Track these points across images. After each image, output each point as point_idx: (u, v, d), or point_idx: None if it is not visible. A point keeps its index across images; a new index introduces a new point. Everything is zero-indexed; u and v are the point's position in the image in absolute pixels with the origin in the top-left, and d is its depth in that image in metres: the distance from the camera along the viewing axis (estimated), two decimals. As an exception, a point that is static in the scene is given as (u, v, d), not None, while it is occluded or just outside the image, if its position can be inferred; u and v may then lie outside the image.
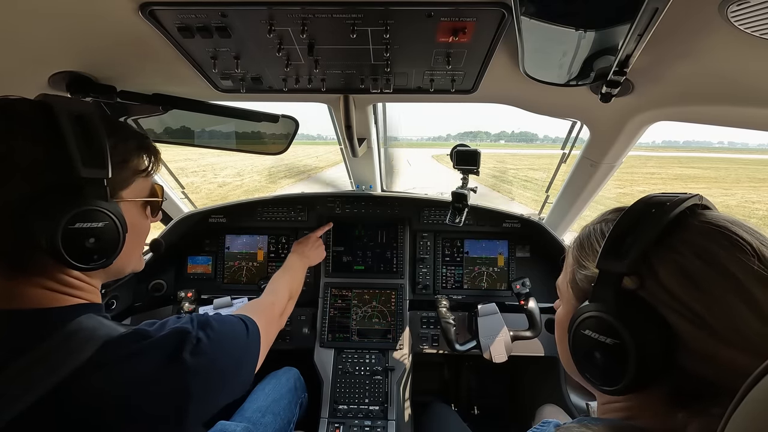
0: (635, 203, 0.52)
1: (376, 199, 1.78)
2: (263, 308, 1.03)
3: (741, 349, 0.41)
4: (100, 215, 0.61)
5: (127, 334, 0.59)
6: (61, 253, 0.56)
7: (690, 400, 0.46)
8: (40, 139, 0.57)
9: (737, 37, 0.59)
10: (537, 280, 1.70)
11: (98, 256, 0.62)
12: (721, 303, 0.43)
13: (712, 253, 0.44)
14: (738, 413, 0.30)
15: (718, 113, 0.91)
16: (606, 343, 0.47)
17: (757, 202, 17.18)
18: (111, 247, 0.63)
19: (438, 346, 1.70)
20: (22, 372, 0.52)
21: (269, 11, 0.66)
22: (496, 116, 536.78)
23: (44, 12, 0.67)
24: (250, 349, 0.80)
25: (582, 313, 0.51)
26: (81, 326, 0.58)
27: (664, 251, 0.47)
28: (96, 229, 0.60)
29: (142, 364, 0.57)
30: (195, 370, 0.61)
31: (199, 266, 1.81)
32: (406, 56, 0.82)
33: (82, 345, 0.55)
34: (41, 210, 0.56)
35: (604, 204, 0.73)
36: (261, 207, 1.79)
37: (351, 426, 1.47)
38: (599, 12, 0.57)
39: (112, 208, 0.63)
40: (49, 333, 0.56)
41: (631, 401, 0.52)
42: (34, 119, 0.58)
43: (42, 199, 0.56)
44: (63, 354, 0.54)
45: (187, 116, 1.26)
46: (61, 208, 0.57)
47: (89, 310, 0.62)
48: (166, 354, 0.60)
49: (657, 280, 0.46)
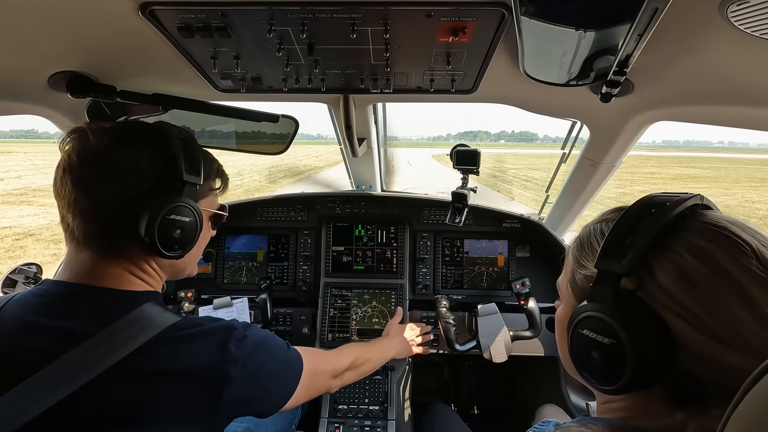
0: (635, 203, 0.52)
1: (376, 199, 1.78)
2: (317, 355, 1.01)
3: (740, 350, 0.41)
4: (189, 211, 0.75)
5: (183, 321, 0.70)
6: (154, 237, 0.69)
7: (689, 400, 0.46)
8: (158, 151, 0.73)
9: (737, 37, 0.59)
10: (537, 280, 1.70)
11: (178, 246, 0.75)
12: (718, 304, 0.42)
13: (709, 254, 0.44)
14: (738, 413, 0.30)
15: (718, 113, 0.91)
16: (603, 343, 0.47)
17: (757, 202, 17.19)
18: (190, 240, 0.78)
19: (438, 346, 1.70)
20: (98, 344, 0.62)
21: (269, 11, 0.66)
22: (496, 116, 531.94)
23: (44, 12, 0.67)
24: (289, 365, 0.84)
25: (580, 312, 0.51)
26: (146, 311, 0.68)
27: (663, 252, 0.46)
28: (183, 223, 0.74)
29: (194, 348, 0.67)
30: (237, 360, 0.69)
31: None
32: (406, 56, 0.82)
33: (147, 326, 0.66)
34: (151, 200, 0.70)
35: (604, 204, 0.74)
36: (261, 207, 1.79)
37: (351, 426, 1.47)
38: (599, 12, 0.57)
39: (197, 208, 0.77)
40: (121, 313, 0.66)
41: (630, 401, 0.52)
42: (153, 137, 0.75)
43: (153, 194, 0.71)
44: (131, 332, 0.64)
45: (187, 116, 1.26)
46: (167, 199, 0.72)
47: (152, 297, 0.74)
48: (217, 342, 0.69)
49: (655, 281, 0.46)
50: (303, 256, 1.80)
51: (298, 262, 1.80)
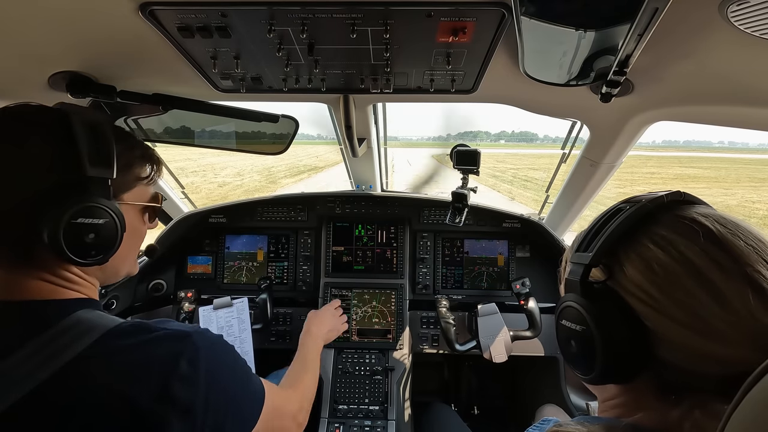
0: (618, 201, 0.54)
1: (376, 199, 1.78)
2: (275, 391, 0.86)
3: (706, 335, 0.42)
4: (101, 212, 0.64)
5: (126, 325, 0.61)
6: (61, 246, 0.59)
7: (676, 391, 0.46)
8: (52, 140, 0.62)
9: (737, 37, 0.59)
10: (537, 280, 1.70)
11: (96, 252, 0.65)
12: (679, 289, 0.43)
13: (671, 243, 0.46)
14: (738, 413, 0.30)
15: (719, 113, 0.91)
16: (577, 331, 0.50)
17: (757, 202, 17.19)
18: (109, 244, 0.67)
19: (438, 346, 1.70)
20: (24, 360, 0.54)
21: (269, 11, 0.66)
22: (496, 116, 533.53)
23: (44, 12, 0.67)
24: (248, 382, 0.72)
25: (560, 303, 0.54)
26: (80, 318, 0.59)
27: (631, 245, 0.49)
28: (96, 225, 0.64)
29: (139, 354, 0.58)
30: (186, 372, 0.59)
31: (199, 266, 1.81)
32: (406, 56, 0.82)
33: (82, 335, 0.57)
34: (48, 204, 0.60)
35: (604, 204, 0.73)
36: (261, 207, 1.79)
37: (351, 426, 1.47)
38: (599, 12, 0.57)
39: (113, 206, 0.66)
40: (49, 323, 0.58)
41: (625, 397, 0.53)
42: (49, 122, 0.63)
43: (50, 194, 0.60)
44: (63, 343, 0.56)
45: (187, 116, 1.26)
46: (67, 202, 0.60)
47: (87, 304, 0.64)
48: (166, 347, 0.60)
49: (623, 272, 0.49)
50: (303, 256, 1.80)
51: (298, 262, 1.81)
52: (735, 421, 0.30)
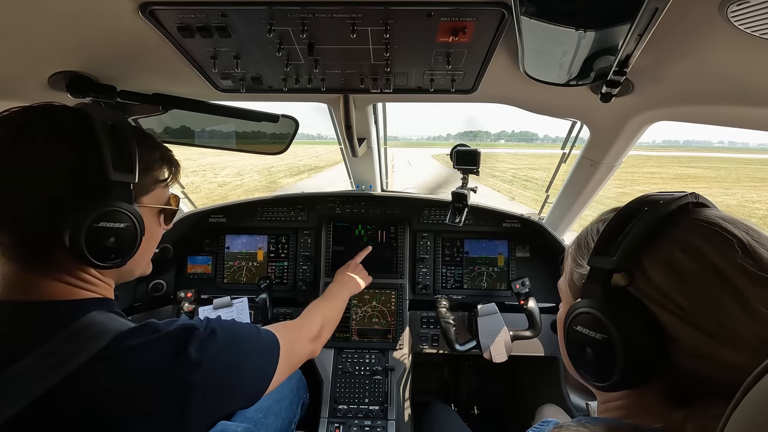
0: (630, 202, 0.53)
1: (376, 199, 1.78)
2: (289, 327, 1.00)
3: (732, 345, 0.41)
4: (123, 216, 0.65)
5: (137, 327, 0.62)
6: (82, 249, 0.60)
7: (688, 398, 0.46)
8: (76, 143, 0.62)
9: (737, 37, 0.59)
10: (537, 279, 1.70)
11: (115, 255, 0.65)
12: (707, 298, 0.43)
13: (698, 249, 0.44)
14: (738, 413, 0.30)
15: (719, 113, 0.91)
16: (596, 339, 0.48)
17: (757, 202, 17.19)
18: (128, 247, 0.67)
19: (438, 346, 1.70)
20: (37, 362, 0.54)
21: (269, 11, 0.66)
22: (496, 116, 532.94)
23: (44, 12, 0.67)
24: (263, 354, 0.77)
25: (574, 309, 0.52)
26: (93, 320, 0.60)
27: (654, 248, 0.47)
28: (117, 230, 0.64)
29: (149, 357, 0.59)
30: (199, 365, 0.61)
31: (199, 266, 1.81)
32: (406, 56, 0.82)
33: (94, 337, 0.57)
34: (71, 207, 0.60)
35: (604, 204, 0.73)
36: (261, 207, 1.79)
37: (351, 426, 1.47)
38: (599, 12, 0.57)
39: (133, 210, 0.66)
40: (63, 325, 0.58)
41: (628, 399, 0.52)
42: (72, 125, 0.63)
43: (73, 197, 0.61)
44: (76, 345, 0.56)
45: (187, 116, 1.26)
46: (89, 206, 0.61)
47: (102, 304, 0.65)
48: (173, 348, 0.60)
49: (646, 277, 0.47)
50: (303, 256, 1.80)
51: (298, 261, 1.81)
52: (735, 421, 0.30)
